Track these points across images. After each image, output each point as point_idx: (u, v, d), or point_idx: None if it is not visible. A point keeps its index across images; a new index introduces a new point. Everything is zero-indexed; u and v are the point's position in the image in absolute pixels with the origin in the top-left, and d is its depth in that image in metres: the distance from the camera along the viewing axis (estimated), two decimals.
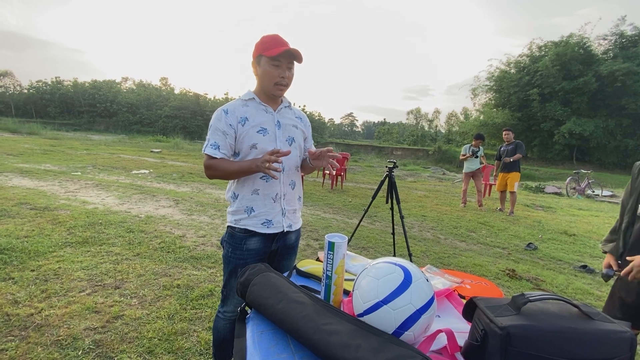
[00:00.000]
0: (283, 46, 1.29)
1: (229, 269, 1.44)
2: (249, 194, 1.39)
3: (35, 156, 9.42)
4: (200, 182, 7.25)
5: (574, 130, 21.63)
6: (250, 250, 1.40)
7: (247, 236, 1.40)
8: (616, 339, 0.63)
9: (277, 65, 1.32)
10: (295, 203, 1.50)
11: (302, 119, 1.54)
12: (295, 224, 1.51)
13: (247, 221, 1.39)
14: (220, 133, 1.34)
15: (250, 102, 1.39)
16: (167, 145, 17.73)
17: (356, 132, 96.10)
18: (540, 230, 5.56)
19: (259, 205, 1.39)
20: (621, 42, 23.36)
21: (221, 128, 1.34)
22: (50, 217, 4.05)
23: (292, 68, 1.37)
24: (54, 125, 26.16)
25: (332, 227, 4.70)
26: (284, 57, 1.32)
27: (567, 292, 3.22)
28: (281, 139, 1.41)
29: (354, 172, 12.55)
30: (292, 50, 1.30)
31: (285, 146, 1.41)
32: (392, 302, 0.72)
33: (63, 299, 2.32)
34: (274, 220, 1.41)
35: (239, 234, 1.41)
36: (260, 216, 1.39)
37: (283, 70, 1.33)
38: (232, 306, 1.47)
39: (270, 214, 1.40)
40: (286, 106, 1.47)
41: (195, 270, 2.94)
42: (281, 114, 1.43)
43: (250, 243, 1.40)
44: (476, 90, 28.90)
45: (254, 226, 1.39)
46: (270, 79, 1.34)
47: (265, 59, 1.32)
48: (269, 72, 1.33)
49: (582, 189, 10.85)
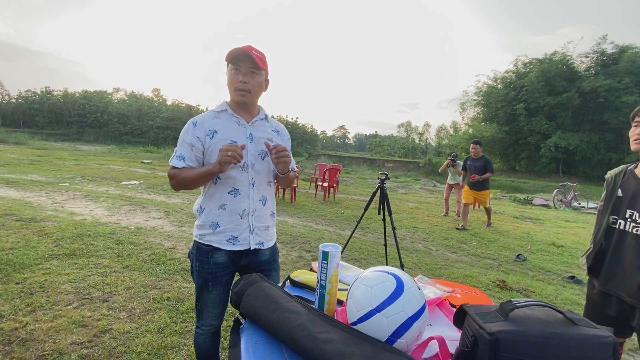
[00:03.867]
0: (243, 50, 1.25)
1: (199, 283, 1.39)
2: (215, 209, 1.33)
3: (22, 166, 9.24)
4: (191, 194, 7.18)
5: (559, 143, 22.25)
6: (218, 264, 1.36)
7: (213, 250, 1.35)
8: (599, 344, 0.66)
9: (236, 69, 1.28)
10: (267, 219, 1.43)
11: (280, 132, 1.46)
12: (267, 242, 1.43)
13: (212, 237, 1.34)
14: (186, 145, 1.31)
15: (222, 114, 1.35)
16: (158, 156, 17.57)
17: (348, 144, 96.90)
18: (529, 242, 5.64)
19: (224, 221, 1.33)
20: (602, 59, 24.34)
21: (188, 140, 1.30)
22: (36, 228, 3.96)
23: (255, 74, 1.29)
24: (42, 135, 25.77)
25: (324, 239, 4.69)
26: (242, 61, 1.26)
27: (556, 302, 3.26)
28: (253, 153, 1.34)
29: (346, 183, 12.61)
30: (249, 53, 1.24)
31: (258, 160, 1.35)
32: (385, 309, 0.74)
33: (49, 312, 2.26)
34: (240, 237, 1.35)
35: (204, 248, 1.36)
36: (225, 232, 1.33)
37: (243, 75, 1.27)
38: (208, 319, 1.43)
39: (237, 230, 1.34)
40: (262, 118, 1.40)
41: (186, 283, 2.90)
42: (255, 127, 1.37)
43: (217, 257, 1.35)
44: (465, 104, 29.66)
45: (219, 242, 1.34)
46: (231, 84, 1.30)
47: (229, 66, 1.30)
48: (230, 78, 1.30)
49: (569, 201, 11.09)
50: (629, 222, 1.37)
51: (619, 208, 1.43)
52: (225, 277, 1.39)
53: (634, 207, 1.36)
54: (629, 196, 1.40)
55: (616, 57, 23.49)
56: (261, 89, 1.36)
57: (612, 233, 1.44)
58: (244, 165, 1.33)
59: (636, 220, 1.35)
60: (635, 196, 1.37)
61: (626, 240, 1.38)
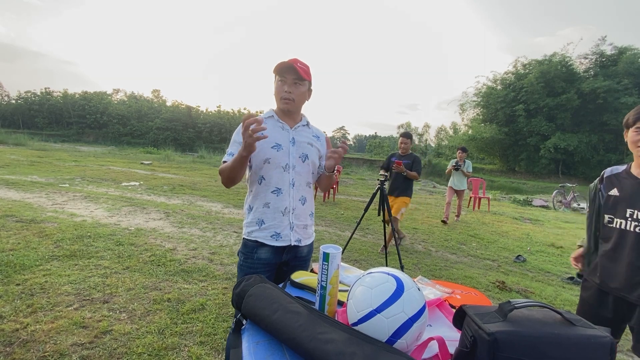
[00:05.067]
0: (289, 63, 1.37)
1: (240, 277, 1.50)
2: (261, 207, 1.45)
3: (22, 167, 9.24)
4: (191, 195, 7.20)
5: (558, 144, 22.29)
6: (260, 260, 1.46)
7: (258, 246, 1.45)
8: (596, 344, 0.66)
9: (282, 81, 1.41)
10: (306, 219, 1.54)
11: (320, 138, 1.59)
12: (306, 239, 1.54)
13: (258, 233, 1.45)
14: (237, 144, 1.40)
15: (268, 120, 1.47)
16: (157, 157, 17.58)
17: (348, 145, 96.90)
18: (528, 243, 5.65)
19: (268, 218, 1.44)
20: (601, 61, 24.41)
21: (238, 140, 1.40)
22: (36, 229, 3.97)
23: (299, 84, 1.42)
24: (42, 136, 25.78)
25: (324, 240, 4.70)
26: (288, 73, 1.39)
27: (555, 303, 3.27)
28: (294, 155, 1.47)
29: (346, 184, 12.61)
30: (294, 66, 1.37)
31: (299, 162, 1.47)
32: (385, 310, 0.75)
33: (49, 313, 2.27)
34: (282, 234, 1.45)
35: (250, 244, 1.47)
36: (269, 229, 1.44)
37: (288, 85, 1.41)
38: None
39: (279, 227, 1.45)
40: (304, 125, 1.54)
41: (186, 284, 2.91)
42: (297, 132, 1.50)
43: (261, 253, 1.46)
44: (464, 105, 29.72)
45: (264, 238, 1.45)
46: (277, 93, 1.43)
47: (275, 77, 1.43)
48: (277, 88, 1.43)
49: (568, 202, 11.10)
50: (629, 221, 1.37)
51: (616, 207, 1.43)
52: (265, 274, 1.47)
53: (635, 206, 1.36)
54: (628, 195, 1.40)
55: (615, 58, 23.57)
56: (304, 98, 1.49)
57: (611, 232, 1.44)
58: (285, 167, 1.45)
59: (637, 219, 1.35)
60: (635, 195, 1.37)
61: (627, 239, 1.38)
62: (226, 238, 4.36)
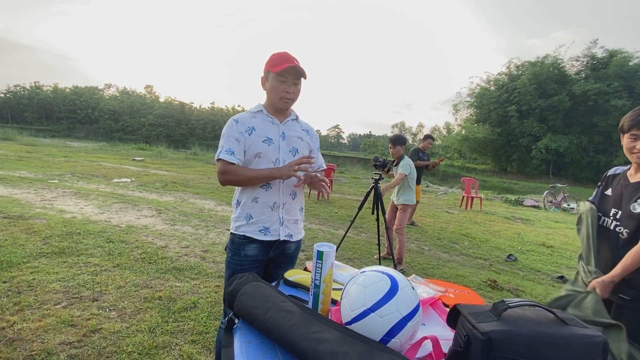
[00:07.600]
0: (289, 63, 1.37)
1: (227, 274, 1.49)
2: (249, 202, 1.44)
3: (10, 163, 9.06)
4: (183, 192, 7.12)
5: (550, 145, 22.57)
6: (248, 257, 1.45)
7: (246, 242, 1.44)
8: (589, 343, 0.67)
9: (283, 81, 1.40)
10: (297, 213, 1.54)
11: (309, 132, 1.59)
12: (296, 235, 1.54)
13: (246, 228, 1.44)
14: (233, 139, 1.41)
15: (258, 114, 1.47)
16: (150, 154, 17.39)
17: (342, 143, 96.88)
18: (519, 242, 5.72)
19: (257, 213, 1.44)
20: (592, 63, 24.75)
21: (234, 135, 1.41)
22: (24, 226, 3.89)
23: (298, 84, 1.44)
24: (31, 131, 25.32)
25: (318, 238, 4.69)
26: (290, 73, 1.39)
27: (545, 301, 3.31)
28: (284, 149, 1.47)
29: (340, 183, 12.62)
30: (297, 67, 1.38)
31: (289, 156, 1.47)
32: (379, 309, 0.74)
33: (37, 311, 2.22)
34: (271, 228, 1.45)
35: (238, 240, 1.46)
36: (258, 223, 1.44)
37: (288, 86, 1.41)
38: None
39: (268, 221, 1.44)
40: (293, 119, 1.54)
41: (178, 282, 2.88)
42: (287, 126, 1.50)
43: (249, 249, 1.45)
44: (458, 105, 29.89)
45: (252, 233, 1.44)
46: (277, 93, 1.42)
47: (273, 75, 1.40)
48: (276, 87, 1.41)
49: (559, 203, 11.27)
50: (612, 220, 1.45)
51: (606, 207, 1.50)
52: (253, 271, 1.44)
53: (619, 206, 1.43)
54: (616, 195, 1.47)
55: (606, 61, 23.91)
56: (299, 95, 1.50)
57: (600, 231, 1.50)
58: (276, 161, 1.45)
59: (617, 219, 1.42)
60: (619, 196, 1.45)
61: (609, 237, 1.45)
62: (219, 236, 4.33)
